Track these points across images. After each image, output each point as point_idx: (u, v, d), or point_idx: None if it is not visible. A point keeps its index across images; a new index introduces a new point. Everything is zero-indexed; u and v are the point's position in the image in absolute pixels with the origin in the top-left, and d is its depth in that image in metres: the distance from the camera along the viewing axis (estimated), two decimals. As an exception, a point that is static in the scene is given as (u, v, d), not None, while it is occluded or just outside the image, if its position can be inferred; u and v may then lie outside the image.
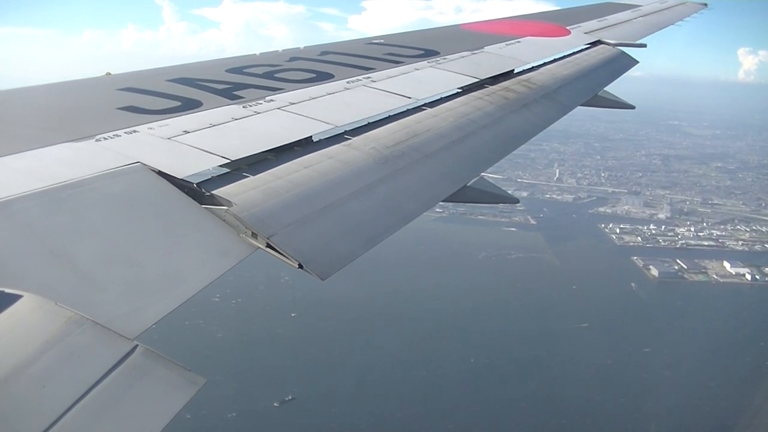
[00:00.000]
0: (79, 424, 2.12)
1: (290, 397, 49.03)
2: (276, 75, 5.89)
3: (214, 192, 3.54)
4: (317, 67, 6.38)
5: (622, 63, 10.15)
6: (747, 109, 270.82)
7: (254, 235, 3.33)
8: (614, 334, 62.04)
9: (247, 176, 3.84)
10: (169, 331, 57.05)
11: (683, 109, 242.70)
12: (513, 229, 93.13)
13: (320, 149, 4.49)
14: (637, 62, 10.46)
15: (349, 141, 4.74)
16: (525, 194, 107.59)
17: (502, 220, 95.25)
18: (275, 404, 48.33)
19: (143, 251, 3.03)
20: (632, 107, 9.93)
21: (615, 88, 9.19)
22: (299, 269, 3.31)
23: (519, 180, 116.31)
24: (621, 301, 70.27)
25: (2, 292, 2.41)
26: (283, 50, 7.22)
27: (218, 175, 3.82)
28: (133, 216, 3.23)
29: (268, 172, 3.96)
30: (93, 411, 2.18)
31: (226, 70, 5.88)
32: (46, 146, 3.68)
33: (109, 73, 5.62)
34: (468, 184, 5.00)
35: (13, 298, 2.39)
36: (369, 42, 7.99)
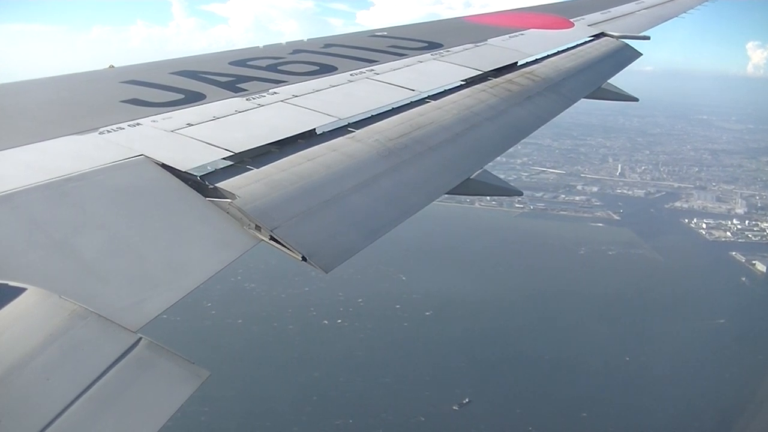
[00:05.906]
0: (83, 416, 2.13)
1: (467, 400, 48.04)
2: (279, 68, 5.86)
3: (217, 185, 3.53)
4: (321, 59, 6.35)
5: (625, 55, 10.08)
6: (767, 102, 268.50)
7: (258, 228, 3.33)
8: (753, 329, 60.93)
9: (251, 169, 3.82)
10: (312, 330, 54.53)
11: (704, 103, 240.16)
12: (599, 224, 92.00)
13: (324, 142, 4.47)
14: (641, 54, 10.39)
15: (353, 133, 4.72)
16: (595, 189, 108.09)
17: (586, 216, 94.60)
18: (454, 407, 47.27)
19: (147, 244, 3.02)
20: (636, 100, 9.87)
21: (621, 81, 9.13)
22: (303, 262, 3.30)
23: (582, 175, 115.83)
24: (739, 296, 69.34)
25: (6, 285, 2.41)
26: (286, 43, 7.18)
27: (222, 168, 3.81)
28: (136, 209, 3.22)
29: (271, 164, 3.95)
30: (97, 403, 2.18)
31: (230, 63, 5.85)
32: (50, 139, 3.66)
33: (113, 66, 5.60)
34: (471, 177, 4.97)
35: (17, 291, 2.39)
36: (372, 34, 7.94)
